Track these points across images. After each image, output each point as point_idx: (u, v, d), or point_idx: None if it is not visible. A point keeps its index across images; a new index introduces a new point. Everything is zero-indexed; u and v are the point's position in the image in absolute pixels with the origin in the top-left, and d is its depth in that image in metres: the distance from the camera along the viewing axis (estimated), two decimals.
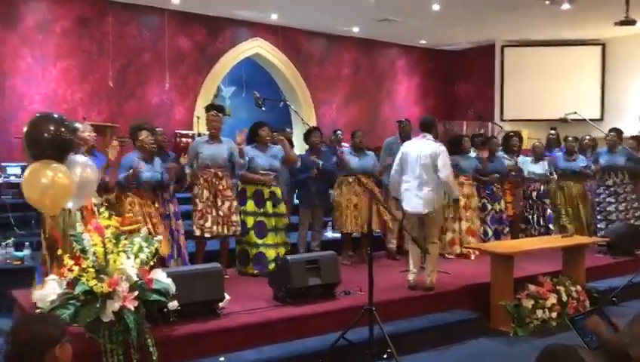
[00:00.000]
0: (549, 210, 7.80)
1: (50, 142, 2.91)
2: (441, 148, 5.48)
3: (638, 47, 12.01)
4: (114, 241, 3.76)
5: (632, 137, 8.32)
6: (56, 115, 3.09)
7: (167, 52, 10.64)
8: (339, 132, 9.82)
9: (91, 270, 3.64)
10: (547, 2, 5.59)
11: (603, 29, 11.31)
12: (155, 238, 4.06)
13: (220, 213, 5.76)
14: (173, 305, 3.99)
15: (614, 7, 9.19)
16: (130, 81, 10.34)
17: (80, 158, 3.07)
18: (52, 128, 2.93)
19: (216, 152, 5.85)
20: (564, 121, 8.75)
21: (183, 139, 10.22)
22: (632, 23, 8.98)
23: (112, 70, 10.10)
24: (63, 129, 2.97)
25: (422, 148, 5.48)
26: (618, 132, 8.05)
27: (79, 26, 9.83)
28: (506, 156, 7.67)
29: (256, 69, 12.61)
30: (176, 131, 10.45)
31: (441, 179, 5.40)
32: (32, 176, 2.90)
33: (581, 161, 8.00)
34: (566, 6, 5.57)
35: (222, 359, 4.05)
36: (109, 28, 10.03)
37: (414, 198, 5.46)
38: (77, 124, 4.85)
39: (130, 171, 5.15)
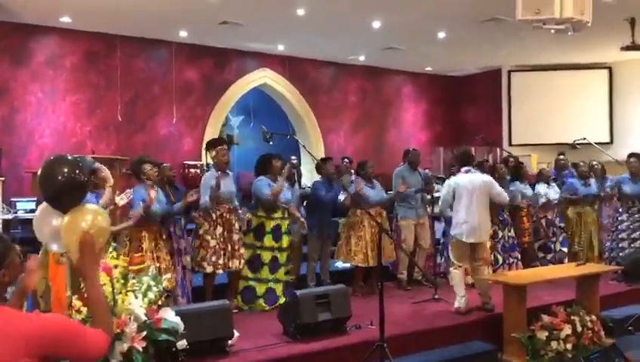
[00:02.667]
0: (563, 234, 7.73)
1: (63, 187, 2.89)
2: (490, 178, 6.06)
3: None
4: (122, 281, 3.74)
5: None
6: (70, 157, 3.07)
7: (175, 84, 10.74)
8: (346, 160, 9.82)
9: None
10: (552, 31, 5.58)
11: (610, 53, 11.32)
12: (163, 277, 4.03)
13: (236, 247, 5.78)
14: (182, 344, 3.94)
15: (620, 32, 9.22)
16: (139, 113, 10.43)
17: (92, 205, 3.06)
18: (66, 171, 2.90)
19: (229, 188, 5.86)
20: (573, 146, 8.70)
21: (192, 170, 10.26)
22: (638, 48, 8.99)
23: (121, 103, 10.20)
24: (77, 171, 2.94)
25: (473, 179, 5.85)
26: (639, 157, 7.93)
27: (88, 61, 9.96)
28: (520, 185, 7.60)
29: (264, 98, 12.69)
30: (185, 162, 10.48)
31: (502, 202, 6.08)
32: (73, 221, 2.91)
33: (595, 186, 7.94)
34: (571, 33, 5.58)
35: None
36: (117, 62, 10.15)
37: (475, 229, 5.75)
38: (97, 164, 4.84)
39: (142, 204, 5.14)
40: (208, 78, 11.19)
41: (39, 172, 3.11)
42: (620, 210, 7.93)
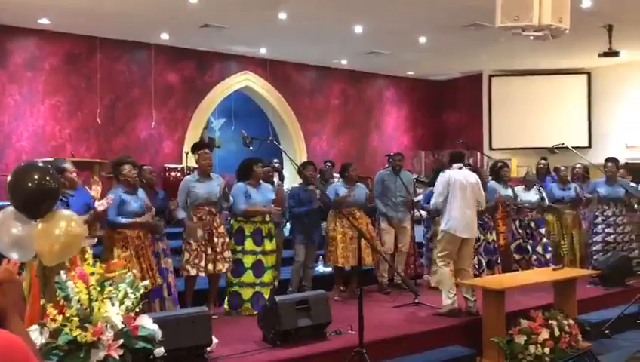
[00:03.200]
0: (544, 239, 7.75)
1: (33, 194, 2.85)
2: (478, 178, 6.13)
3: (622, 75, 12.19)
4: (99, 288, 3.69)
5: (622, 166, 8.35)
6: (40, 164, 3.04)
7: (156, 87, 10.67)
8: (328, 164, 9.85)
9: (75, 319, 3.56)
10: (531, 38, 5.64)
11: (588, 59, 11.47)
12: (141, 284, 3.99)
13: (218, 249, 5.73)
14: (160, 351, 3.90)
15: (598, 38, 9.36)
16: (119, 116, 10.34)
17: (66, 212, 3.02)
18: (36, 178, 2.86)
19: (209, 190, 5.82)
20: (552, 151, 8.78)
21: (172, 174, 10.18)
22: (615, 54, 9.14)
23: (101, 106, 10.10)
24: (48, 178, 2.90)
25: (467, 176, 5.93)
26: (615, 162, 8.06)
27: (67, 63, 9.86)
28: (499, 186, 7.65)
29: (246, 101, 12.66)
30: (165, 165, 10.41)
31: (482, 204, 6.04)
32: (47, 227, 2.87)
33: (574, 191, 8.02)
34: (549, 40, 5.68)
35: None
36: (97, 64, 10.06)
37: (469, 224, 5.84)
38: (66, 164, 4.79)
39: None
40: (190, 81, 11.13)
41: (9, 179, 3.07)
42: (596, 213, 8.05)
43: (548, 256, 7.63)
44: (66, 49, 9.84)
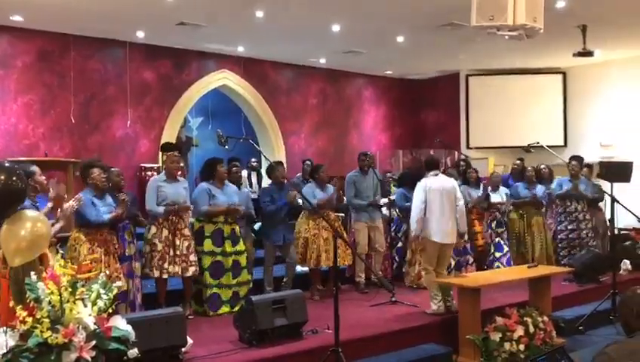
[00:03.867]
0: (497, 239, 7.80)
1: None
2: (455, 182, 6.20)
3: (597, 75, 12.35)
4: (70, 289, 3.63)
5: (586, 165, 8.49)
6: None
7: (131, 85, 10.53)
8: (308, 163, 9.85)
9: (46, 321, 3.50)
10: (506, 37, 5.70)
11: (563, 58, 11.60)
12: (114, 284, 3.93)
13: (178, 252, 5.67)
14: (133, 353, 3.85)
15: (573, 38, 9.47)
16: (94, 114, 10.18)
17: (31, 212, 2.97)
18: (2, 178, 2.80)
19: (176, 191, 5.80)
20: (527, 150, 8.88)
21: (148, 173, 10.07)
22: (590, 54, 9.26)
23: (75, 104, 9.94)
24: (14, 178, 2.84)
25: (442, 182, 5.98)
26: (579, 160, 8.21)
27: (41, 60, 9.68)
28: (468, 187, 7.70)
29: (224, 99, 12.57)
30: (142, 165, 10.29)
31: (459, 208, 5.95)
32: (12, 229, 2.81)
33: (540, 190, 8.12)
34: (524, 39, 5.76)
35: None
36: (71, 62, 9.90)
37: (445, 229, 5.86)
38: (33, 168, 4.71)
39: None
40: (166, 79, 11.02)
41: None
42: (559, 210, 8.16)
43: (497, 254, 7.69)
44: (38, 46, 9.67)
